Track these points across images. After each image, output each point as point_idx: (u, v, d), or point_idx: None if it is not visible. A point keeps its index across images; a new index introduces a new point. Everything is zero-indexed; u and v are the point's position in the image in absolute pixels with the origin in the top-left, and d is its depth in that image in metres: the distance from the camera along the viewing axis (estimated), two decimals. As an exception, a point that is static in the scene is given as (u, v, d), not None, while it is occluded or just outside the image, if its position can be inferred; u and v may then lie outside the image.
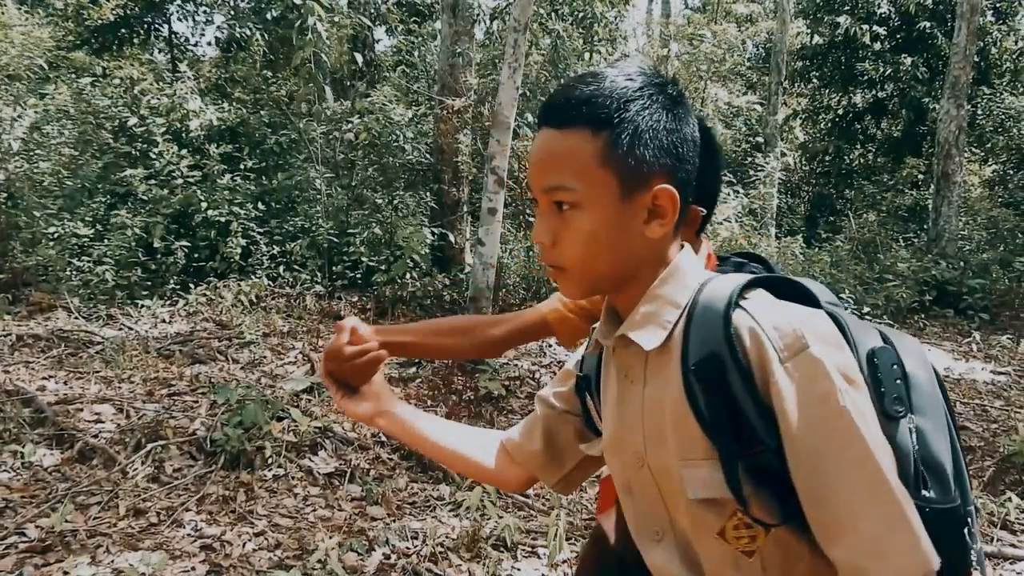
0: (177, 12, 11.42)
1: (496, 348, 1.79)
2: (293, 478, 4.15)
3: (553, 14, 7.40)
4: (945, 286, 9.89)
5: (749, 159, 12.44)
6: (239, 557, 3.37)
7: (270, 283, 7.50)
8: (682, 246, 1.09)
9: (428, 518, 3.85)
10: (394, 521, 3.83)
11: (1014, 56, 14.01)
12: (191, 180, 7.70)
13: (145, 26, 12.10)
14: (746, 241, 8.76)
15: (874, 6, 14.38)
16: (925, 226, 12.86)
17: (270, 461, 4.22)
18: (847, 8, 14.83)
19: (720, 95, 12.61)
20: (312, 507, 3.93)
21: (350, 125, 7.38)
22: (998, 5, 14.42)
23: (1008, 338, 8.27)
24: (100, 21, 11.87)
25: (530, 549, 3.59)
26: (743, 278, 1.02)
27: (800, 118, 16.73)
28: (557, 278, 1.07)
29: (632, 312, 1.06)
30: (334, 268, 7.72)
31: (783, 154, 14.17)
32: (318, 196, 7.87)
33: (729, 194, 8.72)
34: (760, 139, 14.20)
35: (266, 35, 10.77)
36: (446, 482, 4.33)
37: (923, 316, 9.42)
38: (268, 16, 11.09)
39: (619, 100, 0.98)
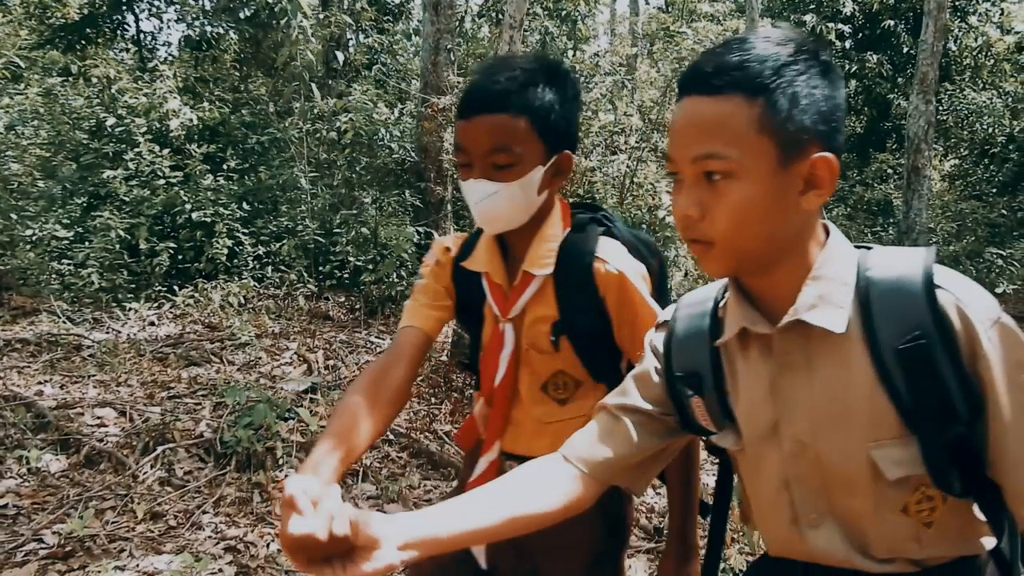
0: (149, 9, 11.20)
1: (406, 391, 1.59)
2: (307, 478, 4.12)
3: (542, 12, 7.41)
4: (917, 278, 10.11)
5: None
6: (265, 558, 3.34)
7: (256, 284, 7.41)
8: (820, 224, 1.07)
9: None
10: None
11: (974, 53, 14.38)
12: (173, 181, 7.57)
13: (112, 24, 11.88)
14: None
15: (839, 5, 14.65)
16: (891, 220, 13.16)
17: (281, 462, 4.18)
18: (812, 7, 15.10)
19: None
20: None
21: (337, 123, 7.30)
22: (956, 3, 14.80)
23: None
24: (64, 20, 11.62)
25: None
26: (913, 253, 1.03)
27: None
28: (702, 254, 1.04)
29: (799, 294, 1.03)
30: (321, 268, 7.65)
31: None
32: (303, 196, 7.80)
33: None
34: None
35: (240, 33, 10.63)
36: (458, 478, 4.32)
37: (898, 307, 9.62)
38: (241, 15, 10.96)
39: (774, 65, 0.96)
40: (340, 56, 7.83)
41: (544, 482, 1.16)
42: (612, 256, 1.51)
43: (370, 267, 7.45)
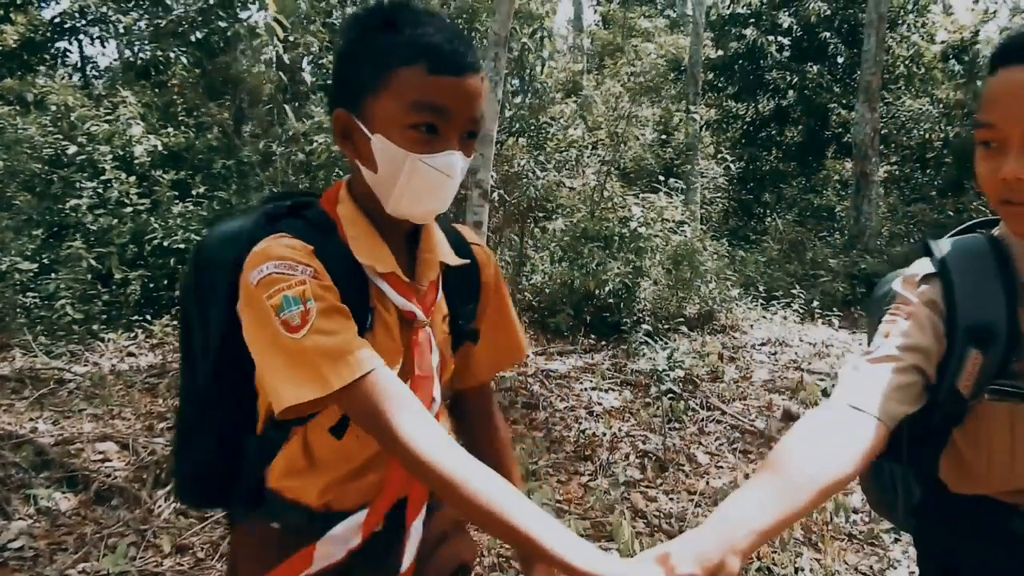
0: (92, 34, 10.94)
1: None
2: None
3: (519, 28, 7.51)
4: (872, 279, 10.48)
5: (674, 167, 12.85)
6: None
7: (233, 310, 7.29)
8: None
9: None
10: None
11: (906, 62, 15.02)
12: (141, 208, 7.41)
13: (53, 51, 11.58)
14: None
15: (778, 18, 15.17)
16: (837, 224, 13.64)
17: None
18: (752, 21, 15.59)
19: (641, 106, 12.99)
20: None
21: (311, 144, 7.25)
22: (888, 13, 15.46)
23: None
24: (2, 47, 11.28)
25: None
26: None
27: (711, 128, 17.43)
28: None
29: None
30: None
31: (704, 159, 14.72)
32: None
33: (673, 199, 9.00)
34: (679, 148, 14.69)
35: (191, 58, 10.46)
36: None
37: (857, 307, 9.96)
38: (192, 38, 10.79)
39: None
40: (308, 78, 7.78)
41: (845, 438, 1.16)
42: (477, 236, 1.45)
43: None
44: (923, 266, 1.32)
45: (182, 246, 7.21)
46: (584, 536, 3.69)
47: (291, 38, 6.86)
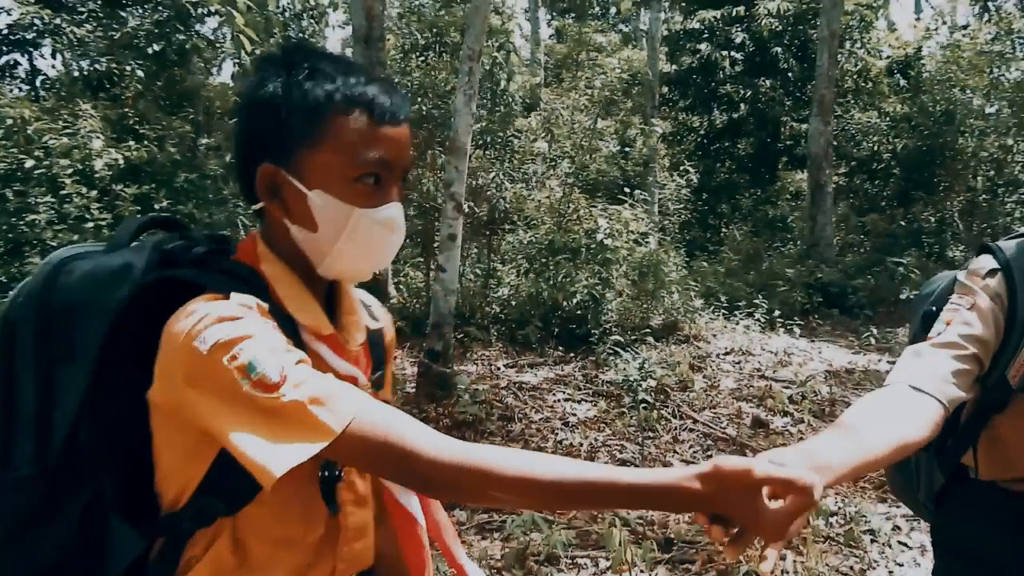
0: (50, 45, 10.72)
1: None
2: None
3: (491, 43, 7.58)
4: (828, 288, 10.76)
5: (633, 180, 13.04)
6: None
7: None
8: None
9: (471, 541, 3.86)
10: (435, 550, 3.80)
11: (854, 76, 15.47)
12: (102, 223, 7.26)
13: (3, 63, 11.31)
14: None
15: (731, 34, 15.52)
16: (791, 234, 13.96)
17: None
18: (706, 36, 15.93)
19: (603, 119, 13.18)
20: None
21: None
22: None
23: (904, 333, 9.13)
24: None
25: (589, 561, 3.68)
26: None
27: (666, 140, 17.73)
28: None
29: None
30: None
31: (660, 171, 14.98)
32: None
33: (637, 211, 9.14)
34: (637, 161, 14.92)
35: (147, 70, 10.31)
36: (457, 507, 4.33)
37: (815, 317, 10.19)
38: (149, 50, 10.64)
39: None
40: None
41: (910, 411, 1.26)
42: (371, 298, 1.37)
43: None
44: (986, 262, 1.42)
45: (146, 262, 7.08)
46: (572, 545, 3.74)
47: (258, 51, 6.81)
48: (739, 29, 15.63)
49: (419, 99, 7.59)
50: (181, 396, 0.99)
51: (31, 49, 11.31)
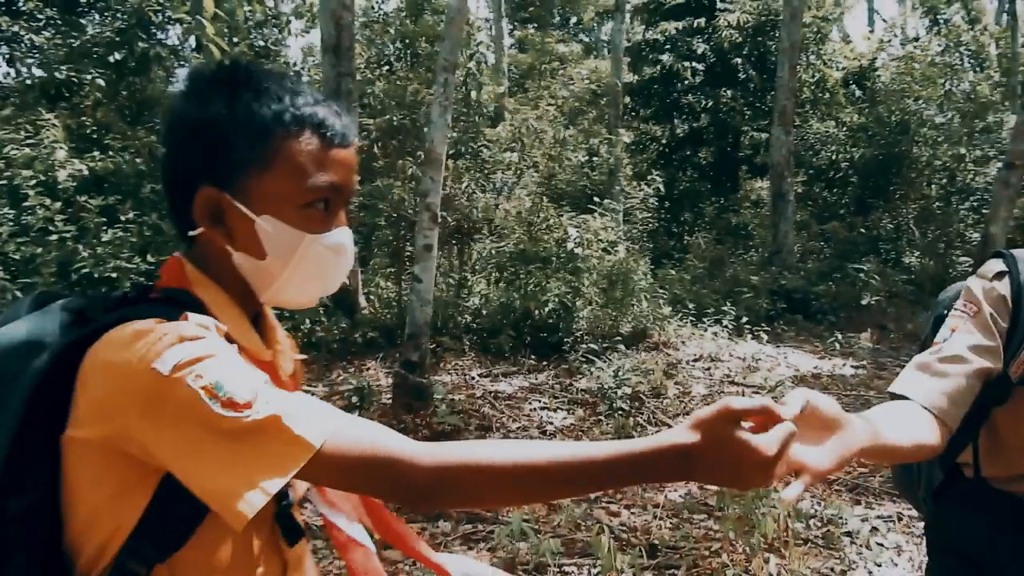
0: (7, 52, 10.50)
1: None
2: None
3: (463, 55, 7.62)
4: (792, 294, 10.95)
5: (600, 189, 13.15)
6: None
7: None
8: None
9: (458, 552, 3.85)
10: (413, 563, 3.80)
11: (811, 87, 15.82)
12: (67, 236, 7.13)
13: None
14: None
15: (692, 45, 15.78)
16: (753, 242, 14.19)
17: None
18: (668, 47, 16.16)
19: (571, 129, 13.29)
20: (321, 559, 3.81)
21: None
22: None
23: (865, 338, 9.35)
24: None
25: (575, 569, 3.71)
26: None
27: (628, 150, 17.93)
28: None
29: None
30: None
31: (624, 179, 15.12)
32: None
33: (607, 220, 9.22)
34: (602, 170, 15.05)
35: (108, 79, 10.14)
36: (443, 518, 4.33)
37: (781, 323, 10.37)
38: (110, 59, 10.48)
39: None
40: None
41: (920, 422, 1.35)
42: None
43: (287, 315, 7.28)
44: (995, 265, 1.50)
45: (114, 275, 6.97)
46: (559, 554, 3.75)
47: (226, 62, 6.73)
48: (700, 40, 15.90)
49: (389, 110, 7.59)
50: (128, 428, 0.91)
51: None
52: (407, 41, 7.82)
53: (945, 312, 1.56)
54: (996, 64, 19.67)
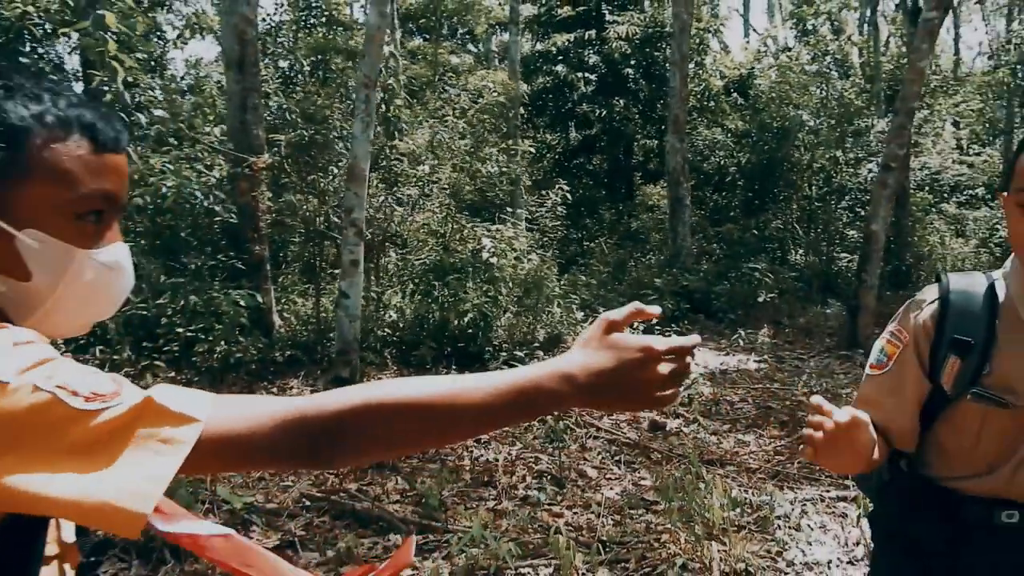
0: None
1: None
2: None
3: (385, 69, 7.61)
4: (693, 295, 11.44)
5: (505, 199, 13.36)
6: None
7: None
8: None
9: (418, 562, 3.90)
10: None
11: (698, 96, 16.54)
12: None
13: None
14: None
15: (585, 56, 16.25)
16: (651, 245, 14.73)
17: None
18: (561, 58, 16.58)
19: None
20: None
21: (161, 188, 6.91)
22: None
23: (763, 333, 9.87)
24: None
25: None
26: None
27: (526, 159, 18.24)
28: None
29: None
30: (152, 343, 7.16)
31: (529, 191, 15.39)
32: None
33: (519, 229, 9.41)
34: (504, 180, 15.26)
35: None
36: (393, 531, 4.36)
37: (685, 322, 10.81)
38: None
39: None
40: (142, 118, 7.40)
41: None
42: None
43: (204, 336, 7.10)
44: (930, 293, 1.69)
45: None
46: (515, 556, 3.86)
47: (130, 78, 6.54)
48: (591, 51, 16.39)
49: (295, 125, 7.52)
50: None
51: None
52: (319, 57, 7.77)
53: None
54: (860, 72, 21.04)
